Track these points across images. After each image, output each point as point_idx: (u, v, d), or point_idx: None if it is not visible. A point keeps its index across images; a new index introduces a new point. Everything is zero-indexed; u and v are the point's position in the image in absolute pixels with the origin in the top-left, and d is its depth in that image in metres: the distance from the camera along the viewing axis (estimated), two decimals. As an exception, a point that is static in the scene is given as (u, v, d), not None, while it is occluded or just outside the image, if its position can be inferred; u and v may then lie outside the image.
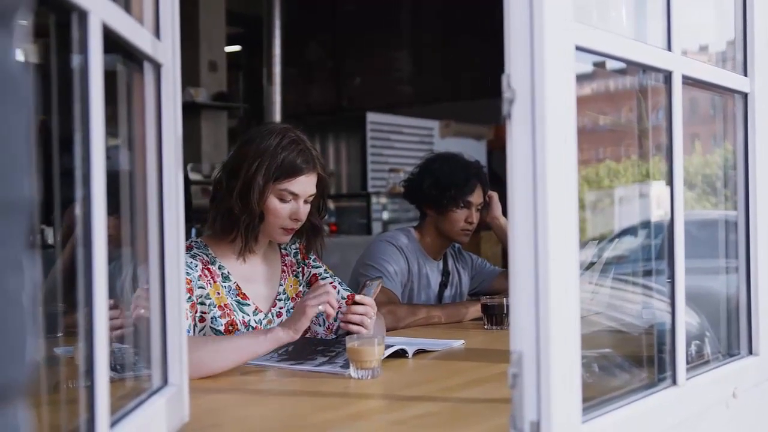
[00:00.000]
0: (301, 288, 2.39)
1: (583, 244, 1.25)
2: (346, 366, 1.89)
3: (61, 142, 1.02)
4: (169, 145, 1.36)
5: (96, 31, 1.00)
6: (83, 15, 0.98)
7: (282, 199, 2.20)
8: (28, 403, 0.57)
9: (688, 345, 1.56)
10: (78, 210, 1.00)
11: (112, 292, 1.05)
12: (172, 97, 1.36)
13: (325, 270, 2.45)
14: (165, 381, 1.35)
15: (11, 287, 0.53)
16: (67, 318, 1.17)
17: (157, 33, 1.34)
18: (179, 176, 1.38)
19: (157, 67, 1.34)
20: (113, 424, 1.07)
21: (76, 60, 1.00)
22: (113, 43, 1.10)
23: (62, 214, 1.16)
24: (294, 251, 2.43)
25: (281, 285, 2.35)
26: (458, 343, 2.34)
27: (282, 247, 2.40)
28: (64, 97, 1.02)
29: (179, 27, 1.41)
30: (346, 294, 2.39)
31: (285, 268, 2.38)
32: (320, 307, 1.97)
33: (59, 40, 1.03)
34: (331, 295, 2.00)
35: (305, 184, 2.21)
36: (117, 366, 1.32)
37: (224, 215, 2.20)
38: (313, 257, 2.44)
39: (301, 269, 2.42)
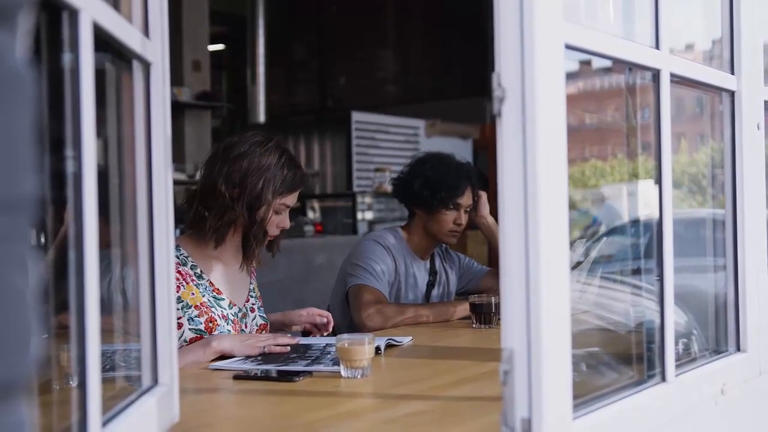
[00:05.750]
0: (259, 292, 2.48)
1: (571, 243, 1.26)
2: (336, 364, 1.89)
3: (50, 142, 1.02)
4: (158, 144, 1.35)
5: (86, 29, 1.00)
6: (74, 13, 0.98)
7: (277, 212, 2.27)
8: (31, 400, 0.57)
9: (675, 343, 1.56)
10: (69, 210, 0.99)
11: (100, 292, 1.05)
12: (161, 96, 1.36)
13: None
14: (155, 381, 1.35)
15: (16, 284, 0.53)
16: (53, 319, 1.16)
17: (146, 31, 1.33)
18: (169, 176, 1.38)
19: (146, 66, 1.33)
20: (104, 423, 1.07)
21: (66, 58, 1.00)
22: (102, 41, 1.09)
23: (54, 214, 1.15)
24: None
25: (251, 283, 2.43)
26: (407, 340, 2.34)
27: None
28: (52, 96, 1.01)
29: (168, 25, 1.40)
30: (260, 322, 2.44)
31: (252, 269, 2.45)
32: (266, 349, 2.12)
33: (47, 37, 1.02)
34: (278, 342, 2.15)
35: (296, 196, 2.32)
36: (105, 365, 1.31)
37: (228, 225, 2.24)
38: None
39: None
